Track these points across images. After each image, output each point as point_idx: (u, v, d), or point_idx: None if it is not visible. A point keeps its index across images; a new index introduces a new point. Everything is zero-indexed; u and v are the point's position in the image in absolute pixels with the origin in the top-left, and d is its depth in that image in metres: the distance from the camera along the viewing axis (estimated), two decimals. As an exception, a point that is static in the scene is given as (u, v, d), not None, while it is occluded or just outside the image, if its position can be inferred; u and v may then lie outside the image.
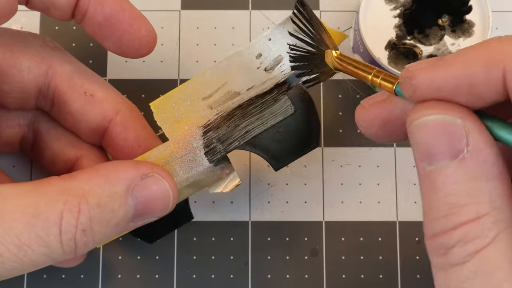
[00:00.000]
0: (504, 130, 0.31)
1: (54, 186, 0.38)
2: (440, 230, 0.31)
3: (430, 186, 0.31)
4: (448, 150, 0.30)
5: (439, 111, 0.31)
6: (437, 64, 0.31)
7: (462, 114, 0.30)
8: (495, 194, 0.30)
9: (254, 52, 0.43)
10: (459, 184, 0.30)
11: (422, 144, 0.31)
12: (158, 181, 0.40)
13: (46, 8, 0.44)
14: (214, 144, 0.43)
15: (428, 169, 0.31)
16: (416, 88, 0.31)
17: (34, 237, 0.36)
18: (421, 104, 0.31)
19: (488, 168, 0.30)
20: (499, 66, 0.29)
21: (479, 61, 0.30)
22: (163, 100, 0.43)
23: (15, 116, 0.48)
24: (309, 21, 0.40)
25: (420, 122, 0.31)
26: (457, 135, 0.30)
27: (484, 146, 0.30)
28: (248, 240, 0.53)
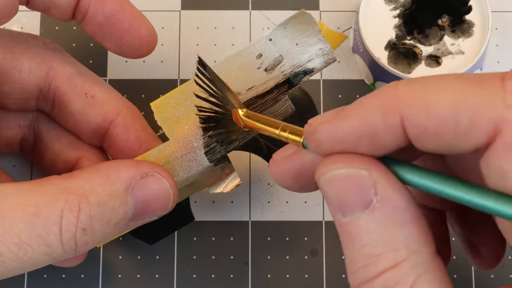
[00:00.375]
0: (410, 173, 0.31)
1: (54, 185, 0.38)
2: (361, 280, 0.31)
3: (346, 237, 0.31)
4: (358, 201, 0.30)
5: (344, 165, 0.31)
6: (338, 116, 0.31)
7: (368, 165, 0.31)
8: (410, 239, 0.30)
9: (255, 53, 0.43)
10: (373, 234, 0.30)
11: (333, 197, 0.31)
12: (158, 180, 0.40)
13: (47, 8, 0.44)
14: (214, 144, 0.43)
15: (342, 221, 0.31)
16: (320, 143, 0.32)
17: (34, 236, 0.36)
18: (327, 158, 0.31)
19: (400, 214, 0.30)
20: (396, 114, 0.29)
21: (376, 111, 0.30)
22: (163, 100, 0.43)
23: (15, 117, 0.48)
24: (211, 81, 0.40)
25: (328, 177, 0.31)
26: (365, 186, 0.30)
27: (392, 194, 0.30)
28: (248, 240, 0.53)
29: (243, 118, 0.39)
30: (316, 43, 0.43)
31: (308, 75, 0.43)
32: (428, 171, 0.31)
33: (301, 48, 0.43)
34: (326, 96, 0.55)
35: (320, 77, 0.55)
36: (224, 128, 0.42)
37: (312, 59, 0.43)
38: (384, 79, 0.52)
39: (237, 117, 0.40)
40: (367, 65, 0.53)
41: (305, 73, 0.43)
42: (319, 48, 0.43)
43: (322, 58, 0.43)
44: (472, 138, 0.29)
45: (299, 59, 0.43)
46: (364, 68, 0.54)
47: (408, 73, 0.51)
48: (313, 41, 0.43)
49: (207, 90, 0.40)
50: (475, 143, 0.29)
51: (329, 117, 0.31)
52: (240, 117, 0.39)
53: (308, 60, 0.43)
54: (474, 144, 0.29)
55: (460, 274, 0.52)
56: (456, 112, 0.28)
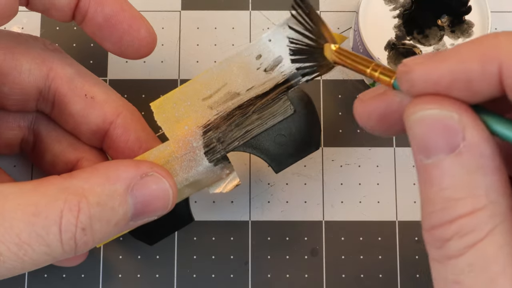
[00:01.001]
0: (500, 125, 0.31)
1: (54, 185, 0.38)
2: (436, 223, 0.31)
3: (427, 179, 0.31)
4: (445, 144, 0.30)
5: (436, 106, 0.31)
6: (434, 58, 0.31)
7: (459, 109, 0.31)
8: (492, 188, 0.30)
9: (254, 53, 0.43)
10: (455, 178, 0.30)
11: (419, 138, 0.31)
12: (158, 180, 0.40)
13: (47, 9, 0.44)
14: (214, 143, 0.43)
15: (425, 162, 0.31)
16: (413, 82, 0.31)
17: (34, 236, 0.36)
18: (418, 98, 0.31)
19: (484, 162, 0.30)
20: (495, 62, 0.29)
21: (475, 57, 0.30)
22: (163, 100, 0.44)
23: (15, 118, 0.49)
24: (308, 15, 0.40)
25: (417, 116, 0.31)
26: (453, 129, 0.30)
27: (480, 141, 0.30)
28: (248, 240, 0.53)
29: (335, 53, 0.39)
30: None
31: (307, 75, 0.43)
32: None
33: None
34: (326, 96, 0.55)
35: (320, 77, 0.55)
36: (314, 61, 0.41)
37: None
38: (384, 79, 0.53)
39: (329, 52, 0.39)
40: (367, 65, 0.53)
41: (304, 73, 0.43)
42: None
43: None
44: None
45: None
46: (364, 68, 0.54)
47: (408, 73, 0.51)
48: None
49: (302, 23, 0.40)
50: None
51: (425, 59, 0.31)
52: (333, 52, 0.39)
53: None
54: None
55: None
56: None
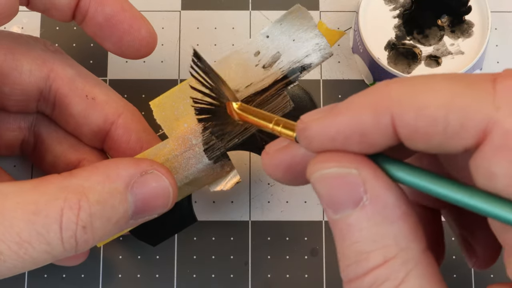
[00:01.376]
0: (401, 171, 0.31)
1: (54, 184, 0.38)
2: (352, 276, 0.31)
3: (338, 233, 0.32)
4: (348, 200, 0.31)
5: (334, 164, 0.31)
6: (329, 114, 0.31)
7: (357, 164, 0.31)
8: (400, 235, 0.31)
9: (252, 50, 0.43)
10: (363, 231, 0.31)
11: (324, 195, 0.32)
12: (158, 178, 0.40)
13: (47, 9, 0.45)
14: (214, 141, 0.43)
15: (334, 218, 0.32)
16: (311, 139, 0.32)
17: (34, 235, 0.36)
18: (317, 157, 0.32)
19: (390, 211, 0.31)
20: (387, 113, 0.30)
21: (367, 109, 0.30)
22: (162, 98, 0.44)
23: (15, 119, 0.48)
24: (206, 74, 0.40)
25: (318, 175, 0.31)
26: (354, 184, 0.31)
27: (382, 191, 0.31)
28: (248, 240, 0.53)
29: (237, 111, 0.39)
30: (312, 38, 0.43)
31: (305, 70, 0.43)
32: (419, 170, 0.31)
33: (298, 43, 0.43)
34: (326, 96, 0.55)
35: (320, 77, 0.55)
36: (219, 120, 0.42)
37: (309, 55, 0.43)
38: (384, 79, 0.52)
39: (231, 110, 0.40)
40: (367, 65, 0.53)
41: (302, 68, 0.43)
42: (316, 43, 0.43)
43: (319, 53, 0.43)
44: (462, 139, 0.29)
45: (296, 55, 0.43)
46: (364, 68, 0.54)
47: (408, 73, 0.51)
48: (309, 36, 0.43)
49: (201, 82, 0.40)
50: (465, 144, 0.29)
51: (321, 114, 0.32)
52: (234, 110, 0.39)
53: (305, 56, 0.43)
54: (464, 145, 0.29)
55: (460, 274, 0.52)
56: (446, 114, 0.29)
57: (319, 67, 0.55)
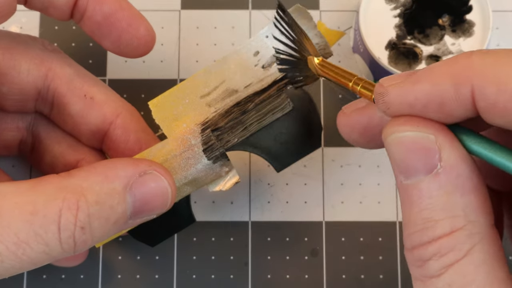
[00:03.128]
0: (477, 144, 0.31)
1: (52, 184, 0.38)
2: (416, 243, 0.31)
3: (407, 199, 0.32)
4: (422, 166, 0.31)
5: (412, 128, 0.31)
6: (408, 80, 0.31)
7: (435, 130, 0.31)
8: (470, 208, 0.31)
9: (252, 50, 0.43)
10: (433, 199, 0.31)
11: (398, 159, 0.32)
12: (157, 178, 0.40)
13: (45, 8, 0.44)
14: (213, 141, 0.43)
15: (404, 182, 0.32)
16: (389, 105, 0.32)
17: (32, 235, 0.36)
18: (395, 120, 0.32)
19: (462, 182, 0.31)
20: (467, 85, 0.30)
21: (447, 79, 0.30)
22: (161, 98, 0.43)
23: (13, 119, 0.48)
24: (290, 26, 0.40)
25: (394, 138, 0.31)
26: (430, 151, 0.31)
27: (457, 161, 0.31)
28: (248, 240, 0.53)
29: (318, 66, 0.39)
30: (312, 38, 0.43)
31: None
32: (494, 144, 0.31)
33: None
34: (326, 96, 0.55)
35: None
36: (300, 72, 0.41)
37: None
38: (384, 79, 0.52)
39: (313, 64, 0.40)
40: (368, 65, 0.53)
41: None
42: (316, 43, 0.43)
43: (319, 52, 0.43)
44: None
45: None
46: (365, 68, 0.54)
47: (408, 73, 0.51)
48: (309, 36, 0.43)
49: (285, 34, 0.40)
50: None
51: (400, 80, 0.32)
52: (315, 64, 0.39)
53: None
54: None
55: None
56: None
57: (319, 67, 0.55)
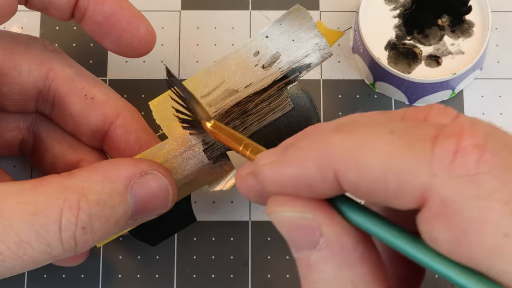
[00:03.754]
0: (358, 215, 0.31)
1: (53, 184, 0.38)
2: None
3: (300, 272, 0.32)
4: (306, 242, 0.31)
5: (289, 208, 0.31)
6: (278, 160, 0.31)
7: (311, 208, 0.31)
8: (357, 279, 0.30)
9: (252, 50, 0.43)
10: (322, 273, 0.31)
11: (284, 235, 0.32)
12: (157, 179, 0.40)
13: (45, 8, 0.44)
14: (213, 141, 0.43)
15: (296, 256, 0.32)
16: (264, 184, 0.32)
17: (34, 235, 0.36)
18: (274, 198, 0.32)
19: (347, 255, 0.31)
20: (330, 169, 0.29)
21: (312, 163, 0.30)
22: (162, 98, 0.44)
23: (14, 119, 0.48)
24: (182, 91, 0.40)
25: (275, 217, 0.31)
26: (310, 228, 0.31)
27: (338, 235, 0.31)
28: (248, 240, 0.53)
29: (210, 129, 0.39)
30: (312, 38, 0.43)
31: (305, 70, 0.43)
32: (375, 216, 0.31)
33: (297, 43, 0.43)
34: (326, 96, 0.55)
35: (320, 77, 0.55)
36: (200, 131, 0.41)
37: (309, 55, 0.43)
38: (384, 79, 0.52)
39: (205, 128, 0.40)
40: (367, 65, 0.53)
41: (302, 68, 0.43)
42: (315, 43, 0.43)
43: (318, 53, 0.43)
44: (403, 202, 0.29)
45: (296, 55, 0.43)
46: (364, 68, 0.54)
47: (408, 73, 0.51)
48: (309, 36, 0.43)
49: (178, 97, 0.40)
50: (407, 205, 0.29)
51: (273, 158, 0.32)
52: (207, 128, 0.39)
53: (304, 56, 0.43)
54: (407, 206, 0.29)
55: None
56: (384, 175, 0.28)
57: (319, 67, 0.55)
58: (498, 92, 0.55)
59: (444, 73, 0.51)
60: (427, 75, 0.51)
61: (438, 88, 0.52)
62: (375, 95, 0.55)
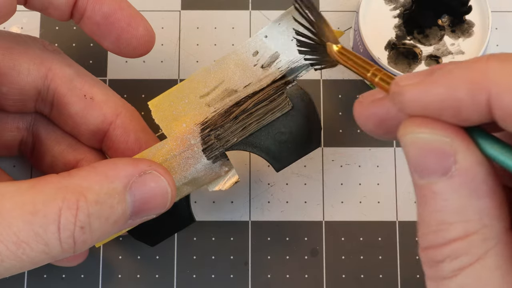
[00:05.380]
0: (494, 148, 0.31)
1: (52, 184, 0.38)
2: (431, 244, 0.31)
3: (421, 199, 0.31)
4: (437, 167, 0.31)
5: (427, 130, 0.31)
6: (425, 81, 0.31)
7: (450, 133, 0.31)
8: (485, 211, 0.30)
9: (251, 50, 0.43)
10: (448, 201, 0.30)
11: (413, 158, 0.31)
12: (156, 178, 0.40)
13: (45, 8, 0.45)
14: (212, 141, 0.43)
15: (419, 182, 0.31)
16: (404, 105, 0.31)
17: (32, 235, 0.36)
18: (411, 119, 0.31)
19: (477, 185, 0.30)
20: (484, 92, 0.29)
21: (464, 85, 0.30)
22: (161, 98, 0.44)
23: (14, 119, 0.48)
24: (311, 11, 0.40)
25: (410, 138, 0.31)
26: (445, 153, 0.30)
27: (472, 165, 0.30)
28: (248, 240, 0.53)
29: (337, 53, 0.39)
30: None
31: (304, 70, 0.43)
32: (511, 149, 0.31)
33: None
34: (326, 96, 0.55)
35: (320, 77, 0.55)
36: (319, 55, 0.41)
37: None
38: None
39: (331, 51, 0.39)
40: (367, 65, 0.53)
41: (301, 68, 0.43)
42: None
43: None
44: None
45: (295, 55, 0.43)
46: (364, 68, 0.54)
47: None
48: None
49: (304, 17, 0.39)
50: None
51: (417, 79, 0.31)
52: (334, 51, 0.39)
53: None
54: None
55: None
56: None
57: (319, 67, 0.55)
58: (499, 92, 0.55)
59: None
60: (427, 75, 0.51)
61: (438, 88, 0.52)
62: (375, 95, 0.55)
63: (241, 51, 0.43)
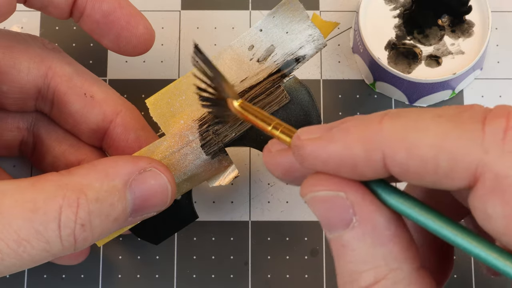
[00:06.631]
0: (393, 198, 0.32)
1: (52, 181, 0.38)
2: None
3: (335, 252, 0.33)
4: (339, 221, 0.32)
5: (322, 188, 0.32)
6: (324, 137, 0.32)
7: (344, 187, 0.32)
8: (390, 256, 0.31)
9: (246, 44, 0.44)
10: (356, 251, 0.32)
11: (318, 215, 0.33)
12: (156, 175, 0.40)
13: (44, 7, 0.45)
14: (210, 136, 0.43)
15: (329, 236, 0.33)
16: (304, 159, 0.32)
17: (33, 233, 0.36)
18: (309, 179, 0.33)
19: (380, 233, 0.31)
20: (378, 151, 0.30)
21: (359, 144, 0.31)
22: (158, 96, 0.44)
23: (14, 118, 0.48)
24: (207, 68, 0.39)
25: (309, 197, 0.32)
26: (343, 206, 0.32)
27: (370, 214, 0.31)
28: (248, 240, 0.53)
29: (237, 108, 0.39)
30: (305, 29, 0.43)
31: (300, 62, 0.43)
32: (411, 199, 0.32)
33: (291, 35, 0.43)
34: (326, 96, 0.55)
35: (320, 77, 0.55)
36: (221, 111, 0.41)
37: (303, 46, 0.43)
38: (384, 79, 0.52)
39: (231, 107, 0.39)
40: (367, 65, 0.53)
41: (297, 60, 0.43)
42: (309, 34, 0.43)
43: (312, 44, 0.43)
44: (454, 181, 0.29)
45: (290, 47, 0.43)
46: (364, 68, 0.54)
47: (408, 73, 0.51)
48: (302, 27, 0.43)
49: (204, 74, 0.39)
50: (458, 185, 0.29)
51: (317, 134, 0.32)
52: (234, 107, 0.39)
53: (299, 47, 0.43)
54: (457, 185, 0.30)
55: (460, 274, 0.51)
56: (435, 156, 0.29)
57: (319, 67, 0.55)
58: (498, 92, 0.55)
59: (444, 73, 0.51)
60: (427, 75, 0.51)
61: (438, 88, 0.52)
62: (375, 95, 0.55)
63: (236, 45, 0.44)
